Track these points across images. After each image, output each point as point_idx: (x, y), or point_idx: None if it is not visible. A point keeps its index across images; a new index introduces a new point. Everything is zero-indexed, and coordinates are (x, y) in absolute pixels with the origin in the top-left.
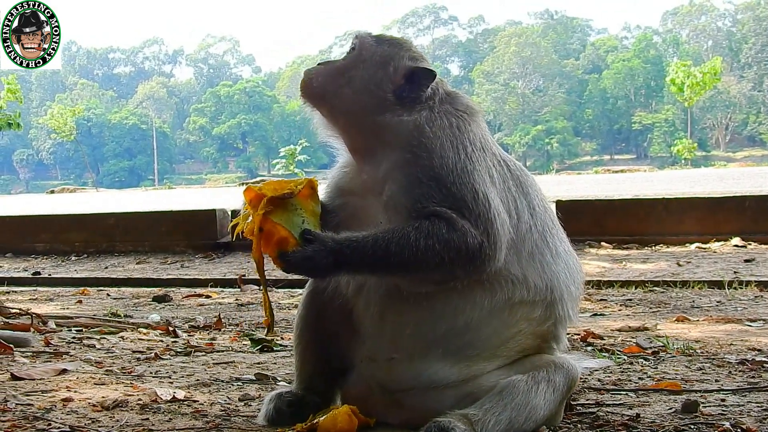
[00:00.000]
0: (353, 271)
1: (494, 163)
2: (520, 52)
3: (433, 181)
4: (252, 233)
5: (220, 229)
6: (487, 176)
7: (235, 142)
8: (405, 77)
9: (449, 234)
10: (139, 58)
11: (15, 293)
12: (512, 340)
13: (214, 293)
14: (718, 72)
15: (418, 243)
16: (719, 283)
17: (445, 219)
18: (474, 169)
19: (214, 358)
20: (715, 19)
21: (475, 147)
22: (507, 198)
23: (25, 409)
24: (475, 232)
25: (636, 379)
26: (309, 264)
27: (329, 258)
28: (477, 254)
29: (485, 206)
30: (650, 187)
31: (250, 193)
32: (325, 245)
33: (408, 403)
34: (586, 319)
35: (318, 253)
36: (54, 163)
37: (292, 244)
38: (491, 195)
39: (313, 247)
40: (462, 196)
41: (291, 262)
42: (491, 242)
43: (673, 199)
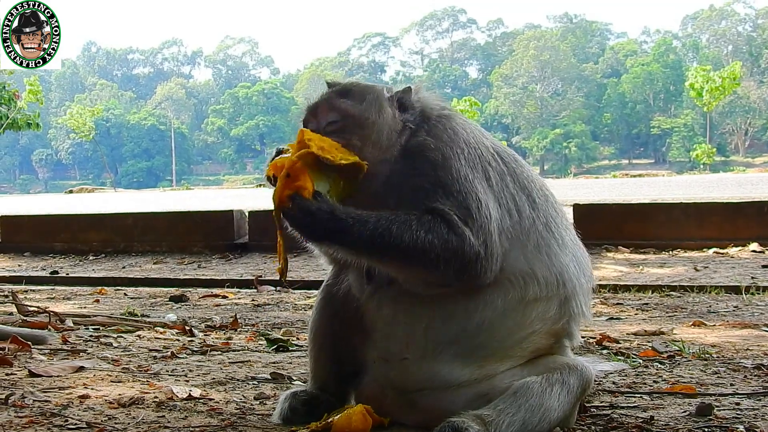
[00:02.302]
0: (349, 244)
1: (489, 160)
2: (539, 55)
3: (441, 187)
4: (275, 169)
5: (237, 230)
6: (484, 180)
7: (253, 143)
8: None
9: (449, 235)
10: (158, 59)
11: (33, 292)
12: (526, 340)
13: (231, 294)
14: (738, 77)
15: (418, 233)
16: (736, 288)
17: (447, 220)
18: (474, 176)
19: (230, 357)
20: (735, 23)
21: (471, 148)
22: (505, 196)
23: (42, 405)
24: (474, 241)
25: (651, 383)
26: (308, 219)
27: (330, 222)
28: (472, 263)
29: (487, 218)
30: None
31: (301, 136)
32: (330, 208)
33: (421, 404)
34: (602, 323)
35: (320, 212)
36: (73, 163)
37: (308, 195)
38: (491, 203)
39: (319, 205)
40: (467, 204)
41: (292, 211)
42: (488, 254)
43: (691, 204)
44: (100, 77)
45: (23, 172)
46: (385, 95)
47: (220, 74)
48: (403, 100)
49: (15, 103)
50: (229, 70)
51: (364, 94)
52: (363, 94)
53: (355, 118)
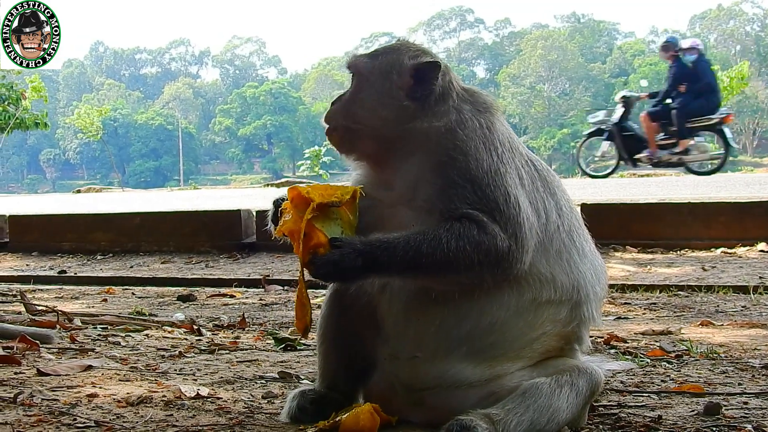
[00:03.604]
0: (383, 273)
1: (522, 163)
2: (547, 55)
3: (469, 183)
4: (287, 232)
5: (245, 229)
6: (517, 178)
7: (260, 143)
8: (412, 77)
9: (480, 236)
10: (166, 58)
11: (41, 291)
12: (537, 341)
13: (239, 293)
14: (746, 77)
15: (449, 244)
16: (744, 288)
17: (476, 221)
18: (506, 172)
19: (238, 357)
20: (743, 23)
21: (505, 147)
22: (536, 198)
23: (50, 404)
24: (504, 235)
25: (659, 382)
26: (335, 268)
27: (358, 260)
28: (505, 257)
29: (516, 210)
30: (676, 192)
31: (294, 192)
32: (353, 248)
33: (430, 402)
34: (609, 323)
35: (346, 256)
36: (80, 162)
37: (326, 249)
38: (521, 198)
39: (341, 251)
40: (495, 198)
41: (317, 265)
42: (519, 246)
43: (699, 204)
44: (108, 77)
45: (31, 171)
46: (404, 62)
47: (228, 74)
48: (422, 74)
49: (22, 103)
50: (236, 70)
51: (383, 54)
52: (383, 53)
53: (362, 76)
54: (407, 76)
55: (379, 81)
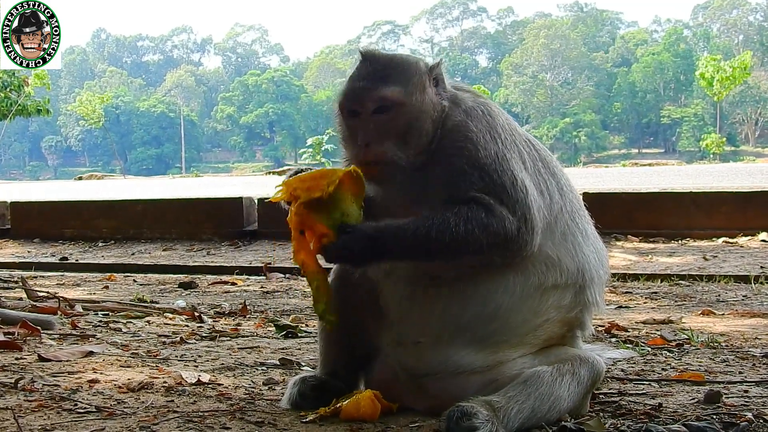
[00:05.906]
0: (393, 257)
1: (523, 146)
2: (549, 44)
3: (477, 170)
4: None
5: (246, 217)
6: (520, 161)
7: (262, 131)
8: (432, 81)
9: (488, 219)
10: (168, 46)
11: (43, 278)
12: (540, 328)
13: (240, 280)
14: (749, 66)
15: (458, 227)
16: (745, 277)
17: (484, 204)
18: (511, 157)
19: (239, 343)
20: (746, 13)
21: (506, 132)
22: (539, 180)
23: (51, 389)
24: (512, 218)
25: (659, 370)
26: (347, 253)
27: (367, 245)
28: (515, 239)
29: (523, 192)
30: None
31: (288, 189)
32: (363, 233)
33: (432, 389)
34: (611, 311)
35: (356, 242)
36: (82, 150)
37: (332, 237)
38: (527, 181)
39: (350, 236)
40: (502, 182)
41: (329, 253)
42: (528, 228)
43: (701, 194)
44: (110, 64)
45: (33, 158)
46: (425, 74)
47: (230, 62)
48: (439, 77)
49: (24, 90)
50: (238, 58)
51: (408, 76)
52: (406, 75)
53: (403, 105)
54: (432, 83)
55: (419, 99)
